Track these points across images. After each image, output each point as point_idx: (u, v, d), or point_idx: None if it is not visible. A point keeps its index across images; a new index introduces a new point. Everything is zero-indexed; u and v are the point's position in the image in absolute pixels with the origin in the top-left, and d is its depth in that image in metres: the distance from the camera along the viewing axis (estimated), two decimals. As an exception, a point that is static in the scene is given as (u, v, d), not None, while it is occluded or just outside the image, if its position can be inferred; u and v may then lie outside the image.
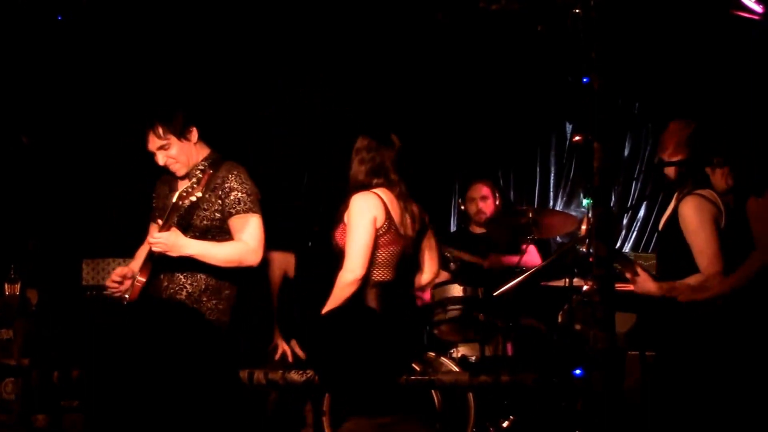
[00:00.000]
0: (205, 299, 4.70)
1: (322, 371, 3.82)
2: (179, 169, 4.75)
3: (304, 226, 5.60)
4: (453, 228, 7.84)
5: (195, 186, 4.54)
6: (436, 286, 5.47)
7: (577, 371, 3.88)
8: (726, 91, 6.65)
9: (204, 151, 4.81)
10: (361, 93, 6.99)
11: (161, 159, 4.73)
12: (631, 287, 4.91)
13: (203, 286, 4.69)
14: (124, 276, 4.72)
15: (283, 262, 5.38)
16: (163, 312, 4.69)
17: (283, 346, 5.29)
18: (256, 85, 6.81)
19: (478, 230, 6.78)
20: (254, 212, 4.69)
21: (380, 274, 4.53)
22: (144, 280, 4.65)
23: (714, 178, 4.64)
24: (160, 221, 4.69)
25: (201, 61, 6.48)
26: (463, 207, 6.85)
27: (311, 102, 6.68)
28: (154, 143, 4.71)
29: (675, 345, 4.63)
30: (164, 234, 4.54)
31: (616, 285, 4.29)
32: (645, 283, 4.62)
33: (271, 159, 6.90)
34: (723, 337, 4.49)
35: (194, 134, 4.78)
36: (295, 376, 4.26)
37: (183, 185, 4.67)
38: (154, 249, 4.58)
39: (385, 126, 4.62)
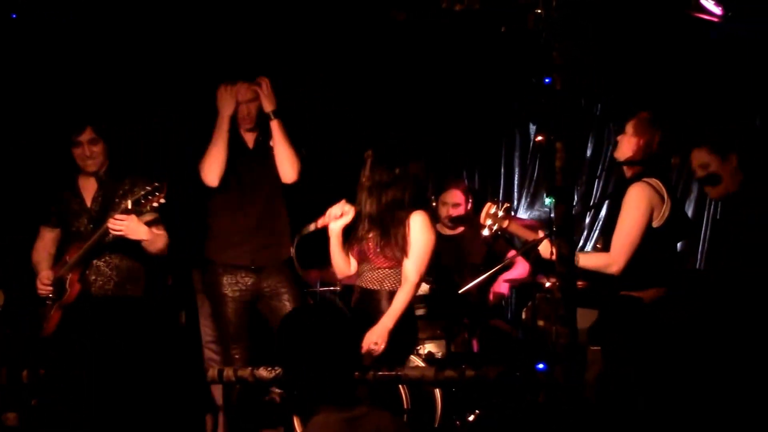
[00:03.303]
0: (129, 287, 5.57)
1: (288, 367, 3.87)
2: (91, 164, 5.54)
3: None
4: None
5: (131, 193, 5.34)
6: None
7: (540, 365, 3.96)
8: (686, 91, 6.76)
9: (107, 162, 5.60)
10: (344, 94, 7.01)
11: (86, 149, 5.50)
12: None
13: (126, 275, 5.55)
14: (51, 278, 5.47)
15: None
16: (119, 309, 5.46)
17: None
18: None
19: (448, 231, 6.81)
20: (156, 211, 5.43)
21: None
22: (76, 278, 5.43)
23: (724, 171, 4.73)
24: (51, 227, 5.62)
25: (201, 60, 6.47)
26: (435, 204, 6.86)
27: (311, 102, 6.71)
28: (87, 135, 5.52)
29: (634, 341, 4.72)
30: (127, 217, 5.22)
31: (578, 282, 4.38)
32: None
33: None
34: (683, 334, 4.58)
35: (108, 147, 5.60)
36: (263, 372, 4.33)
37: (90, 188, 5.55)
38: (114, 228, 5.24)
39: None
